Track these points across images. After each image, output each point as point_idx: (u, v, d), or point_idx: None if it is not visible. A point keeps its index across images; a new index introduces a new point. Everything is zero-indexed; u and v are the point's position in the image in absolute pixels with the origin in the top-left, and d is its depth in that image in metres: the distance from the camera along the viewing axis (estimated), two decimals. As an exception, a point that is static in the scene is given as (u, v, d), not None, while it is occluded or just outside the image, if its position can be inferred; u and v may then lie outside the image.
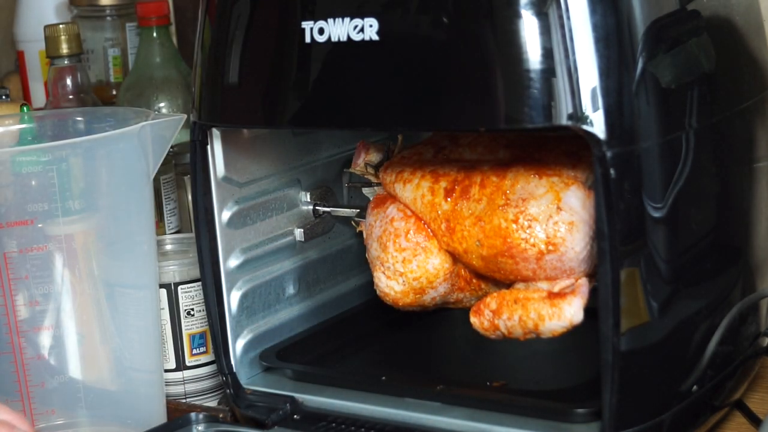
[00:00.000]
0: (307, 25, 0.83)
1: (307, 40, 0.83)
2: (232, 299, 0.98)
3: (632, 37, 0.75)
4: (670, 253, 0.79)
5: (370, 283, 1.02)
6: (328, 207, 1.06)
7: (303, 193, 1.05)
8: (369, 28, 0.80)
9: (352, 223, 1.07)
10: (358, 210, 1.04)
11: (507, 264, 0.89)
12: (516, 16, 0.74)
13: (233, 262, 0.98)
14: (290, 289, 1.04)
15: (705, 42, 0.83)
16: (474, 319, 0.92)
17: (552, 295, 0.88)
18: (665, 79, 0.78)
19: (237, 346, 0.98)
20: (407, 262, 0.93)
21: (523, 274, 0.89)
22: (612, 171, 0.75)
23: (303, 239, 1.05)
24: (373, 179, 1.00)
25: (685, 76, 0.80)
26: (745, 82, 0.90)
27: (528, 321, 0.88)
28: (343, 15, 0.81)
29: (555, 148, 0.92)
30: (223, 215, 0.97)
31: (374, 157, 1.00)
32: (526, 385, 0.94)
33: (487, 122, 0.75)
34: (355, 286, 1.11)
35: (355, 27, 0.80)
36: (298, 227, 1.05)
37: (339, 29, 0.81)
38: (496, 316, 0.90)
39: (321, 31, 0.82)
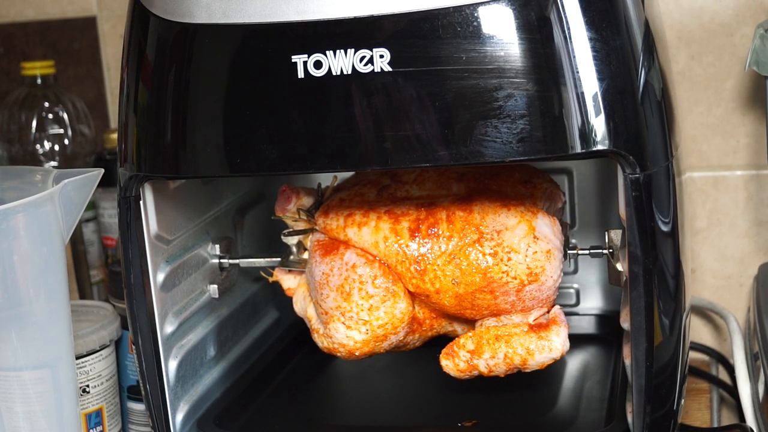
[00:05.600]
0: (298, 59, 0.76)
1: (297, 75, 0.76)
2: (170, 369, 0.88)
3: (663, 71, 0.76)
4: (677, 269, 0.80)
5: (268, 331, 1.04)
6: (236, 258, 0.99)
7: (212, 246, 0.97)
8: (380, 59, 0.74)
9: (262, 273, 1.00)
10: (279, 259, 0.97)
11: (484, 299, 0.86)
12: (551, 47, 0.72)
13: (168, 328, 0.89)
14: (211, 351, 0.96)
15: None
16: (446, 362, 0.88)
17: (535, 328, 0.86)
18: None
19: (176, 421, 0.89)
20: (374, 309, 0.87)
21: (501, 308, 0.87)
22: (643, 194, 0.75)
23: (217, 295, 0.96)
24: (304, 225, 0.94)
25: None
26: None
27: (515, 357, 0.86)
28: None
29: (509, 177, 0.91)
30: (158, 277, 0.87)
31: (306, 201, 0.94)
32: (499, 421, 0.91)
33: (527, 153, 0.72)
34: (258, 335, 1.05)
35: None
36: (211, 283, 0.96)
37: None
38: (476, 356, 0.87)
39: (315, 65, 0.76)
